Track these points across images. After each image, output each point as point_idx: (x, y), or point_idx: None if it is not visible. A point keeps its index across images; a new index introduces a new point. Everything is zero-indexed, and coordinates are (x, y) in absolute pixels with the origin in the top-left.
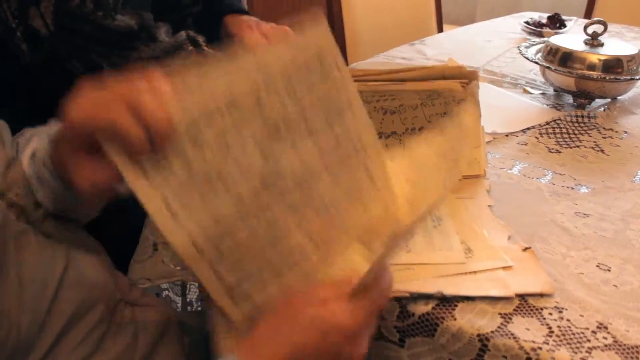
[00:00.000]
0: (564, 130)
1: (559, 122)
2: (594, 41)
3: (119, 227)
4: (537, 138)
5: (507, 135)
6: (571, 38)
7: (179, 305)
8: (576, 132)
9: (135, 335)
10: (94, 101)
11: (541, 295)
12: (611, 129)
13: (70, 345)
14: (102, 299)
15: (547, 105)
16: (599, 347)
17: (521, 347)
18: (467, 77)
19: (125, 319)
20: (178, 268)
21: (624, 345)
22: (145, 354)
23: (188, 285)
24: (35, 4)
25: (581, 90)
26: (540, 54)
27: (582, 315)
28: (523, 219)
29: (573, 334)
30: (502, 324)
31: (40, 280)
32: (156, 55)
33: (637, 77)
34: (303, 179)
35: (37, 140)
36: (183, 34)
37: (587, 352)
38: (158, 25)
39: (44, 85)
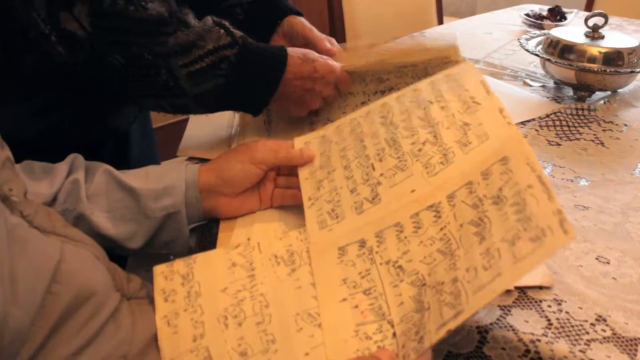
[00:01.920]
0: (564, 122)
1: (559, 114)
2: (594, 34)
3: None
4: (537, 130)
5: None
6: (572, 30)
7: None
8: (576, 124)
9: (132, 329)
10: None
11: (540, 287)
12: (611, 122)
13: (64, 338)
14: (97, 292)
15: (547, 97)
16: (597, 339)
17: (520, 339)
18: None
19: (121, 313)
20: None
21: (623, 337)
22: (143, 347)
23: None
24: (65, 9)
25: (581, 83)
26: (540, 47)
27: (581, 308)
28: None
29: (572, 326)
30: (501, 316)
31: (33, 274)
32: (191, 40)
33: (638, 70)
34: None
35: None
36: (209, 19)
37: (585, 344)
38: (184, 10)
39: (83, 79)
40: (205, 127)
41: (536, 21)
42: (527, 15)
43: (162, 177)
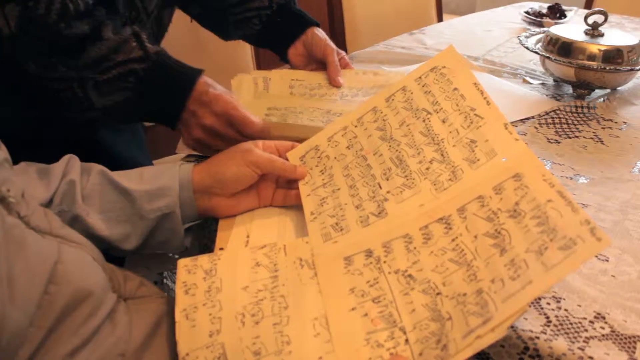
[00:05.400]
0: (563, 120)
1: (558, 112)
2: (594, 31)
3: None
4: (536, 128)
5: None
6: (571, 28)
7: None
8: (575, 122)
9: (129, 327)
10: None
11: None
12: (610, 120)
13: (62, 338)
14: (94, 293)
15: (547, 95)
16: (596, 336)
17: (519, 337)
18: None
19: (118, 313)
20: (176, 257)
21: (621, 335)
22: (140, 345)
23: None
24: None
25: (581, 81)
26: (540, 44)
27: (580, 305)
28: None
29: (571, 323)
30: None
31: (31, 275)
32: (104, 54)
33: (637, 68)
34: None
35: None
36: (128, 29)
37: (584, 341)
38: (106, 22)
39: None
40: None
41: (536, 19)
42: (527, 12)
43: (156, 178)
